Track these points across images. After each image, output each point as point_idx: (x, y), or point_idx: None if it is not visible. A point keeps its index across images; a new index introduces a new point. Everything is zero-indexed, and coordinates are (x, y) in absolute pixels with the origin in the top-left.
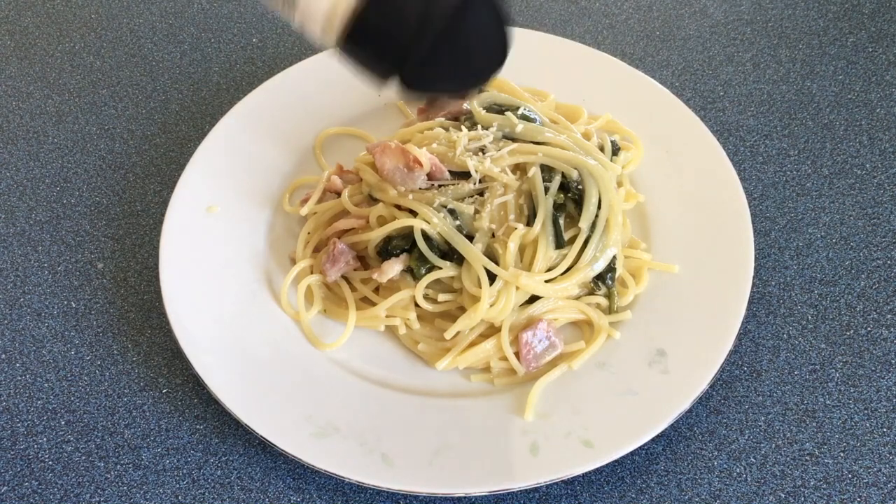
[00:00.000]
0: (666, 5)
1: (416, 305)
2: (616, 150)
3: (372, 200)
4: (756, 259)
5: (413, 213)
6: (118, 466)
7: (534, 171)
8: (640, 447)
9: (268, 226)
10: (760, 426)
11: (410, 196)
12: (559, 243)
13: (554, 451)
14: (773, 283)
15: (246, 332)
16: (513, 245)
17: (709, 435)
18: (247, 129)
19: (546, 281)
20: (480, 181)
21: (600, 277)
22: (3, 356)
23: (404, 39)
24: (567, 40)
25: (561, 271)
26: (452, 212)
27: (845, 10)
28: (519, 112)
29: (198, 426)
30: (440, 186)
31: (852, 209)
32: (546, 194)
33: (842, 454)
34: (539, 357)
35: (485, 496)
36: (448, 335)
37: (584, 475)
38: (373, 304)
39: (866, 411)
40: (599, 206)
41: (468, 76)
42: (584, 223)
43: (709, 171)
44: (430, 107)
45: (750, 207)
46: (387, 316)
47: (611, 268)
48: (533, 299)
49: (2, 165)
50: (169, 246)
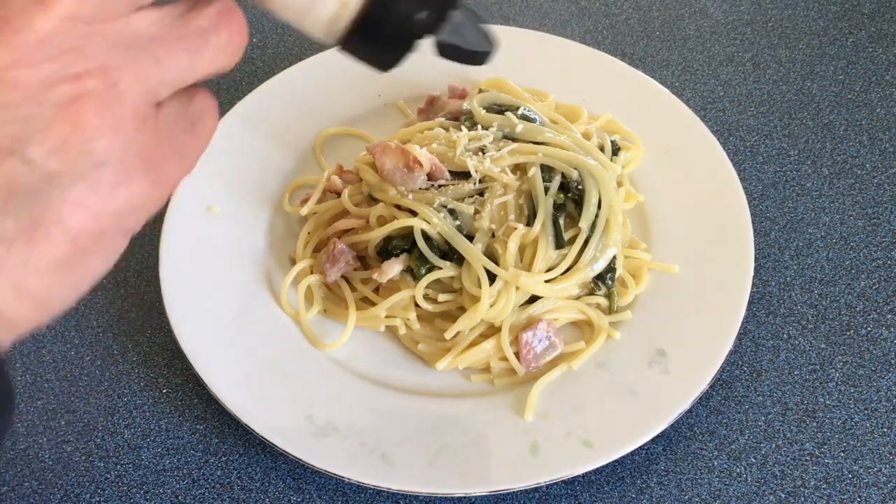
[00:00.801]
0: (666, 5)
1: (416, 305)
2: (616, 150)
3: (372, 200)
4: (756, 259)
5: (413, 213)
6: (118, 466)
7: (534, 171)
8: (640, 447)
9: (268, 226)
10: (760, 426)
11: (410, 196)
12: (559, 243)
13: (554, 451)
14: (773, 283)
15: (246, 332)
16: (513, 245)
17: (709, 435)
18: (247, 129)
19: (546, 281)
20: (480, 181)
21: (600, 277)
22: (4, 356)
23: (415, 33)
24: (567, 40)
25: (561, 271)
26: (452, 212)
27: (845, 10)
28: (519, 112)
29: (198, 426)
30: (440, 186)
31: (852, 209)
32: (546, 194)
33: (842, 454)
34: (539, 357)
35: (485, 496)
36: (448, 335)
37: (584, 475)
38: (373, 304)
39: (866, 411)
40: (599, 206)
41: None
42: (584, 223)
43: (709, 171)
44: (430, 107)
45: (750, 207)
46: (387, 316)
47: (611, 268)
48: (533, 299)
49: None
50: (169, 246)
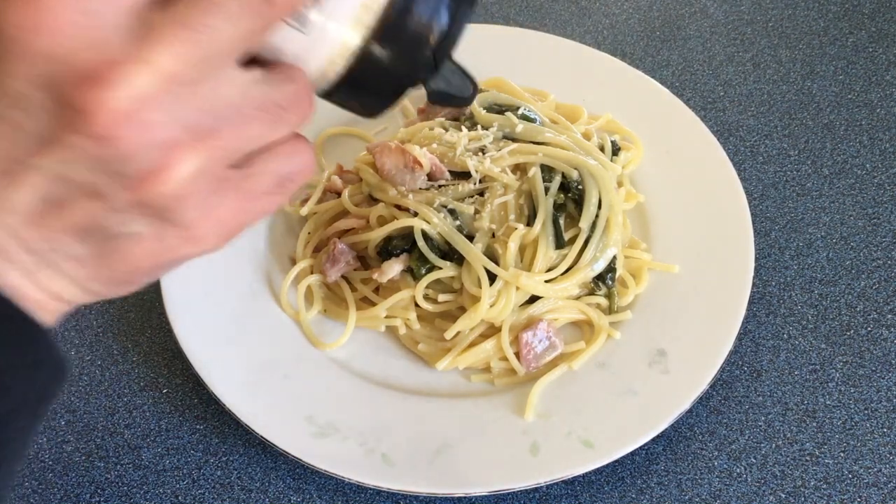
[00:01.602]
0: (666, 5)
1: (417, 305)
2: (616, 150)
3: (372, 200)
4: (756, 259)
5: (413, 213)
6: (118, 466)
7: (534, 172)
8: (641, 447)
9: (268, 226)
10: (760, 426)
11: (410, 196)
12: (559, 243)
13: (554, 451)
14: (773, 283)
15: (246, 332)
16: (513, 245)
17: (709, 435)
18: None
19: (546, 281)
20: (480, 181)
21: (600, 277)
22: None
23: (406, 86)
24: (567, 40)
25: (561, 271)
26: (452, 212)
27: (845, 10)
28: (519, 112)
29: (198, 426)
30: (440, 186)
31: (852, 209)
32: (546, 194)
33: (842, 454)
34: (539, 357)
35: (485, 496)
36: (448, 335)
37: (584, 475)
38: (373, 304)
39: (866, 411)
40: (599, 206)
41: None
42: (585, 223)
43: (709, 171)
44: (431, 106)
45: (750, 207)
46: (387, 316)
47: (611, 268)
48: (533, 299)
49: None
50: None
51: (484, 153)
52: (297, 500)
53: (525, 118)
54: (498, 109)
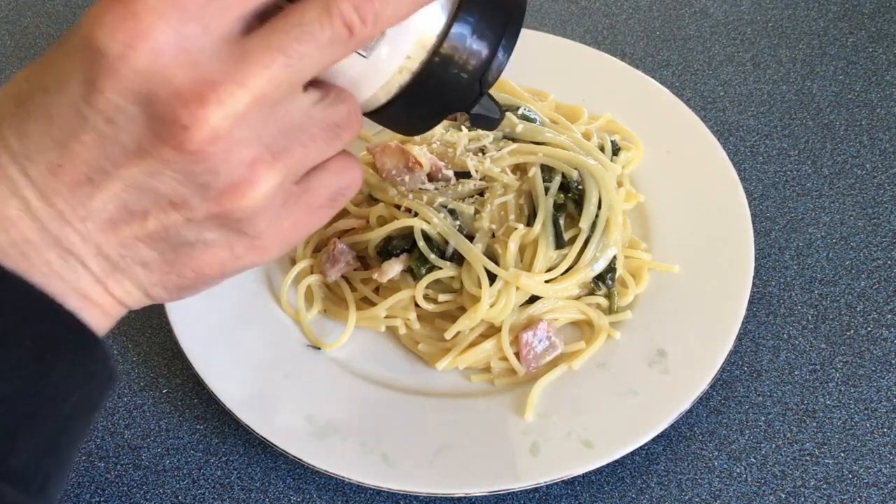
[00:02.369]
0: (666, 5)
1: (417, 305)
2: (616, 150)
3: (372, 200)
4: (756, 259)
5: (413, 213)
6: (118, 466)
7: (534, 172)
8: (640, 447)
9: None
10: (760, 426)
11: (410, 196)
12: (559, 243)
13: (554, 451)
14: (773, 283)
15: (246, 332)
16: (513, 245)
17: (709, 435)
18: None
19: (546, 281)
20: (480, 181)
21: (600, 277)
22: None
23: (453, 111)
24: (567, 40)
25: (561, 271)
26: (452, 212)
27: (845, 10)
28: (519, 112)
29: (198, 426)
30: (440, 187)
31: (852, 209)
32: (546, 194)
33: (842, 454)
34: (539, 357)
35: (485, 496)
36: (448, 335)
37: (584, 475)
38: (373, 304)
39: (866, 411)
40: (599, 206)
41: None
42: (585, 223)
43: (709, 171)
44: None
45: (750, 207)
46: (387, 316)
47: (611, 268)
48: (533, 299)
49: None
50: None
51: (484, 153)
52: (297, 500)
53: (525, 118)
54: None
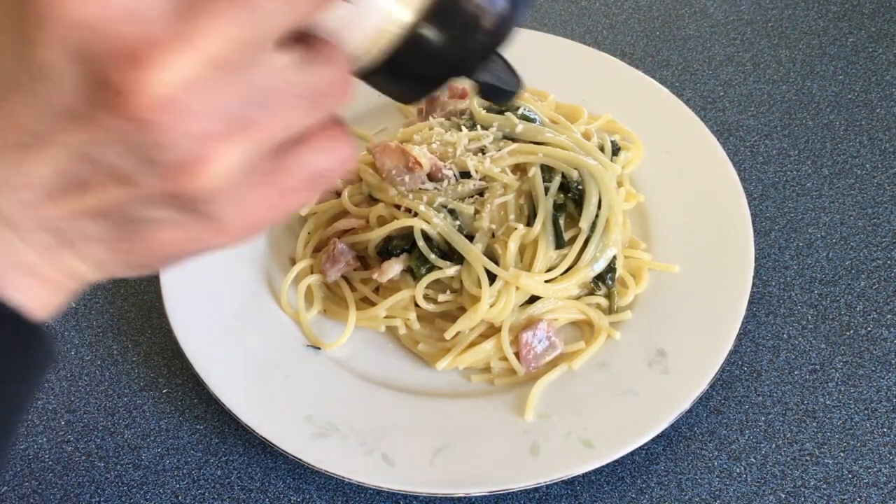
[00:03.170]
0: (666, 5)
1: (417, 305)
2: (616, 150)
3: (372, 200)
4: (756, 259)
5: (413, 213)
6: (118, 466)
7: (534, 172)
8: (640, 447)
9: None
10: (760, 426)
11: (410, 196)
12: (559, 243)
13: (554, 451)
14: (773, 283)
15: (246, 332)
16: (513, 245)
17: (709, 435)
18: None
19: (546, 281)
20: (480, 181)
21: (600, 277)
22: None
23: (450, 75)
24: (567, 40)
25: (561, 271)
26: (452, 212)
27: (845, 10)
28: (519, 112)
29: (198, 426)
30: (440, 186)
31: (852, 209)
32: (546, 194)
33: (842, 454)
34: (539, 357)
35: (485, 496)
36: (448, 335)
37: (584, 475)
38: (373, 304)
39: (866, 411)
40: (599, 206)
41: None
42: (585, 223)
43: (709, 171)
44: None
45: (750, 207)
46: (387, 316)
47: (611, 268)
48: (533, 299)
49: None
50: None
51: (484, 153)
52: (297, 500)
53: (525, 118)
54: (497, 109)
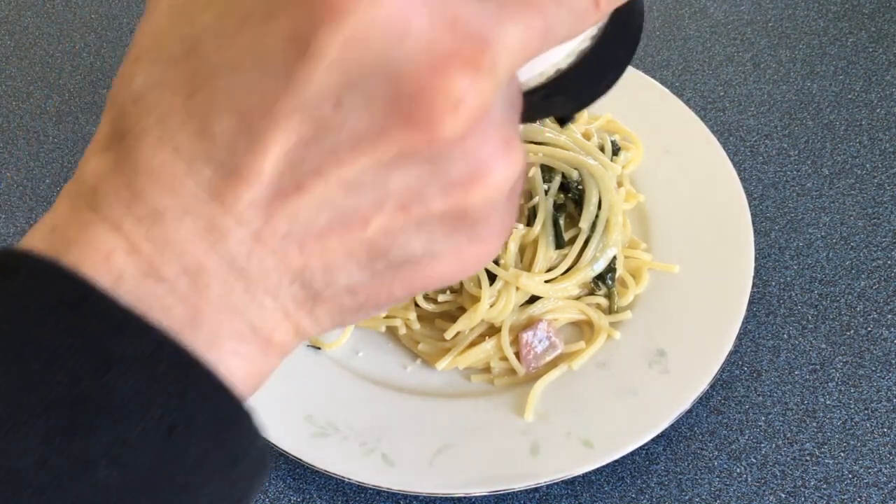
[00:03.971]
0: (666, 5)
1: (416, 305)
2: (616, 150)
3: None
4: (756, 259)
5: None
6: None
7: (534, 172)
8: (641, 447)
9: None
10: (760, 426)
11: None
12: (559, 243)
13: (554, 451)
14: (773, 283)
15: None
16: (513, 245)
17: (709, 435)
18: None
19: (546, 281)
20: None
21: (600, 277)
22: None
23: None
24: None
25: (561, 271)
26: None
27: (845, 10)
28: None
29: None
30: None
31: (852, 209)
32: (546, 194)
33: (842, 454)
34: (539, 357)
35: (485, 496)
36: (448, 335)
37: (584, 475)
38: None
39: (866, 411)
40: (599, 207)
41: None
42: (585, 223)
43: (709, 171)
44: None
45: (750, 207)
46: (387, 316)
47: (611, 268)
48: (533, 299)
49: (2, 165)
50: None
51: None
52: (297, 500)
53: None
54: None
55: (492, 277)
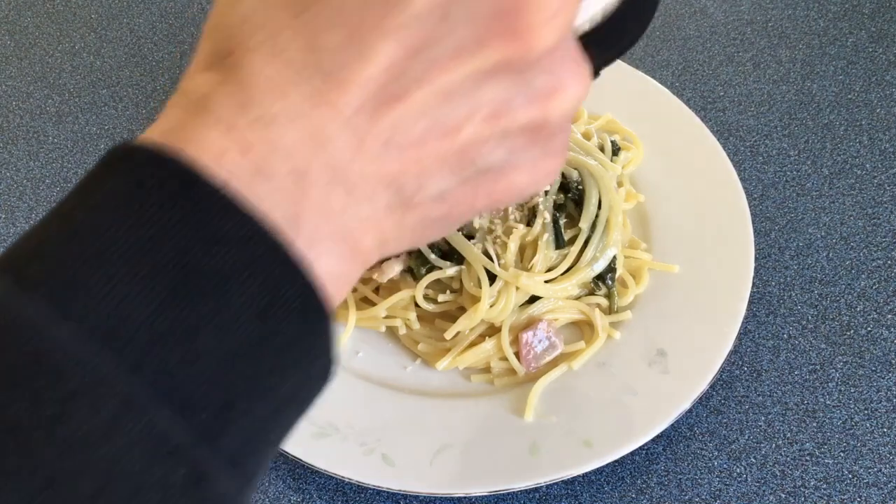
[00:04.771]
0: (666, 5)
1: (416, 305)
2: (616, 150)
3: None
4: (756, 259)
5: None
6: None
7: None
8: (640, 447)
9: None
10: (760, 426)
11: None
12: (559, 243)
13: (554, 451)
14: (773, 283)
15: None
16: (513, 245)
17: (709, 435)
18: None
19: (546, 281)
20: None
21: (600, 277)
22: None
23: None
24: None
25: (561, 271)
26: None
27: (845, 10)
28: None
29: None
30: None
31: (852, 209)
32: (546, 194)
33: (842, 454)
34: (539, 357)
35: (485, 496)
36: (448, 335)
37: (584, 475)
38: (373, 304)
39: (866, 411)
40: (599, 207)
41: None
42: (585, 223)
43: (709, 171)
44: None
45: (750, 207)
46: (387, 316)
47: (611, 268)
48: (533, 299)
49: (2, 165)
50: None
51: None
52: (297, 500)
53: None
54: None
55: (492, 277)
